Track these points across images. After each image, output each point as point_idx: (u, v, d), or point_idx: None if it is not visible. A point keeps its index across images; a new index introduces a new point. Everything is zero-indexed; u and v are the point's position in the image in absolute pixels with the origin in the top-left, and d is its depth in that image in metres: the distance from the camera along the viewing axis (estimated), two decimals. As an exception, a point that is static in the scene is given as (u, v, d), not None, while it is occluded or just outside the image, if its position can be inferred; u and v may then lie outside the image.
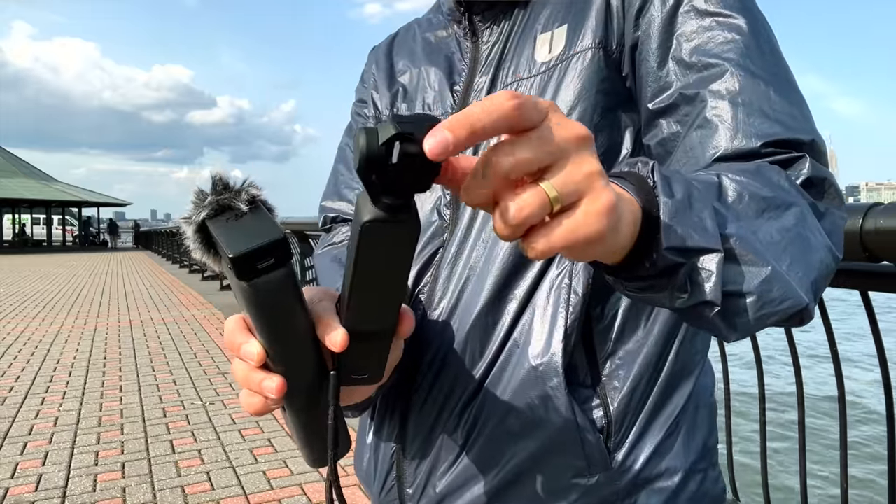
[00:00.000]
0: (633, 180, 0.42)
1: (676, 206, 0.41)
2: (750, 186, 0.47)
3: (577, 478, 0.59)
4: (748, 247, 0.43)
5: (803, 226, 0.47)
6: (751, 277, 0.43)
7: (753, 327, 0.45)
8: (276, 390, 0.45)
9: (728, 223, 0.43)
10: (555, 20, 0.65)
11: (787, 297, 0.43)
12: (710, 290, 0.41)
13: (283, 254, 0.41)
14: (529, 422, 0.60)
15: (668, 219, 0.40)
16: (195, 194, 0.43)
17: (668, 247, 0.40)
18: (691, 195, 0.42)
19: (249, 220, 0.41)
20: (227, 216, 0.42)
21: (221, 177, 0.43)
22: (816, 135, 0.54)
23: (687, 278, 0.42)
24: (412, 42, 0.80)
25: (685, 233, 0.40)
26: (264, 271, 0.40)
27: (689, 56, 0.57)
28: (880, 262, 1.11)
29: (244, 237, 0.40)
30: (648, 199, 0.41)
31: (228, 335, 0.48)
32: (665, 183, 0.42)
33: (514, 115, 0.32)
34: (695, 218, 0.41)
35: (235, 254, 0.39)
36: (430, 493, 0.64)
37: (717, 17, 0.57)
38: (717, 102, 0.54)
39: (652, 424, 0.61)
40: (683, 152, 0.56)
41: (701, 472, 0.64)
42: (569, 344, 0.59)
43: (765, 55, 0.56)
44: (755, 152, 0.52)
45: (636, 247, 0.41)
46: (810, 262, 0.46)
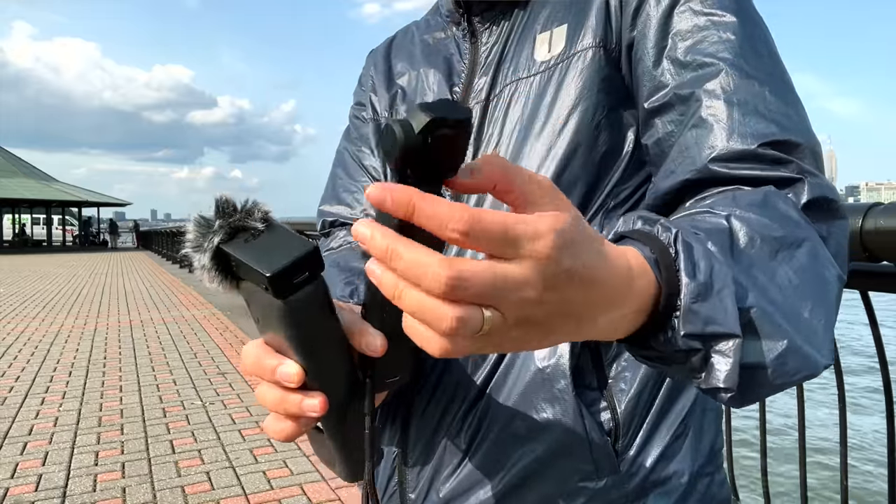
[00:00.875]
0: (656, 250, 0.41)
1: (699, 289, 0.39)
2: (760, 227, 0.45)
3: (584, 481, 0.58)
4: (766, 318, 0.42)
5: (818, 262, 0.46)
6: (767, 352, 0.42)
7: (767, 395, 0.44)
8: (320, 407, 0.44)
9: (748, 294, 0.41)
10: (554, 20, 0.65)
11: (801, 369, 0.43)
12: (725, 377, 0.40)
13: (316, 265, 0.39)
14: (535, 425, 0.59)
15: (690, 302, 0.39)
16: (196, 222, 0.40)
17: (686, 333, 0.39)
18: (713, 271, 0.40)
19: (269, 237, 0.39)
20: (243, 237, 0.39)
21: (227, 199, 0.40)
22: (812, 135, 0.54)
23: (703, 360, 0.41)
24: (410, 44, 0.80)
25: (705, 318, 0.39)
26: (300, 286, 0.39)
27: (684, 55, 0.57)
28: (880, 262, 1.11)
29: (274, 255, 0.38)
30: (670, 276, 0.40)
31: (254, 362, 0.45)
32: (688, 258, 0.40)
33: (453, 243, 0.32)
34: (716, 301, 0.39)
35: (273, 272, 0.37)
36: (433, 498, 0.63)
37: (712, 17, 0.56)
38: (713, 102, 0.54)
39: (659, 427, 0.60)
40: (679, 152, 0.56)
41: (708, 475, 0.63)
42: (576, 346, 0.59)
43: (760, 55, 0.56)
44: (751, 153, 0.52)
45: (651, 320, 0.40)
46: (828, 302, 0.46)
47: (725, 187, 0.53)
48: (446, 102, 0.35)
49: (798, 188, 0.51)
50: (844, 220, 0.52)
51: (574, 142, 0.60)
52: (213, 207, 0.40)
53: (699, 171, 0.54)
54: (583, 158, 0.60)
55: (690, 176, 0.54)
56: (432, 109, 0.34)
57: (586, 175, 0.60)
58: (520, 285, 0.33)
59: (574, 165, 0.60)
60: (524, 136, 0.63)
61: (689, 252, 0.40)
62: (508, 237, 0.32)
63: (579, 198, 0.60)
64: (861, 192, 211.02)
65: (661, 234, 0.42)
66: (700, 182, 0.54)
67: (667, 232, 0.41)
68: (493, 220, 0.32)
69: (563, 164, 0.60)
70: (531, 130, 0.62)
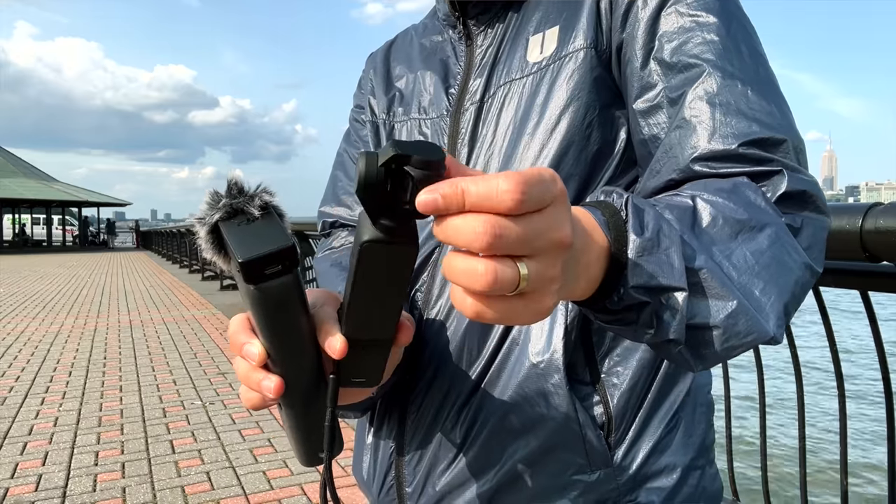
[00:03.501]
0: (607, 213, 0.44)
1: (644, 244, 0.42)
2: (725, 209, 0.48)
3: (577, 475, 0.59)
4: (716, 279, 0.44)
5: (779, 246, 0.48)
6: (717, 311, 0.44)
7: (720, 358, 0.46)
8: (273, 390, 0.46)
9: (697, 255, 0.44)
10: (546, 22, 0.66)
11: (752, 331, 0.44)
12: (674, 328, 0.43)
13: (290, 261, 0.42)
14: (530, 419, 0.60)
15: (635, 257, 0.42)
16: (209, 195, 0.43)
17: (634, 285, 0.42)
18: (660, 230, 0.43)
19: (260, 225, 0.42)
20: (239, 220, 0.43)
21: (237, 181, 0.43)
22: (795, 132, 0.55)
23: (653, 315, 0.43)
24: (409, 47, 0.81)
25: (651, 271, 0.42)
26: (271, 276, 0.41)
27: (670, 57, 0.58)
28: (880, 262, 1.11)
29: (254, 242, 0.41)
30: (619, 234, 0.43)
31: (232, 334, 0.49)
32: (636, 218, 0.43)
33: (509, 209, 0.33)
34: (662, 256, 0.43)
35: (245, 259, 0.40)
36: (430, 492, 0.64)
37: (696, 18, 0.58)
38: (696, 103, 0.55)
39: (651, 421, 0.62)
40: (664, 152, 0.57)
41: (699, 468, 0.64)
42: (570, 341, 0.60)
43: (742, 56, 0.57)
44: (733, 153, 0.53)
45: (604, 281, 0.43)
46: (784, 284, 0.48)
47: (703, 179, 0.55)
48: (423, 143, 0.36)
49: (776, 180, 0.52)
50: (824, 217, 0.53)
51: (566, 140, 0.61)
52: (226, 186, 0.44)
53: (682, 171, 0.55)
54: (575, 156, 0.61)
55: (675, 176, 0.55)
56: (403, 146, 0.35)
57: (579, 173, 0.62)
58: (550, 228, 0.35)
59: (567, 163, 0.61)
60: (517, 136, 0.64)
61: (639, 214, 0.44)
62: (545, 182, 0.34)
63: (572, 195, 0.62)
64: (861, 192, 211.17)
65: (615, 201, 0.45)
66: (684, 182, 0.55)
67: (620, 198, 0.45)
68: (528, 174, 0.34)
69: (555, 162, 0.61)
70: (524, 130, 0.64)
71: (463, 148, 0.68)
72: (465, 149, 0.68)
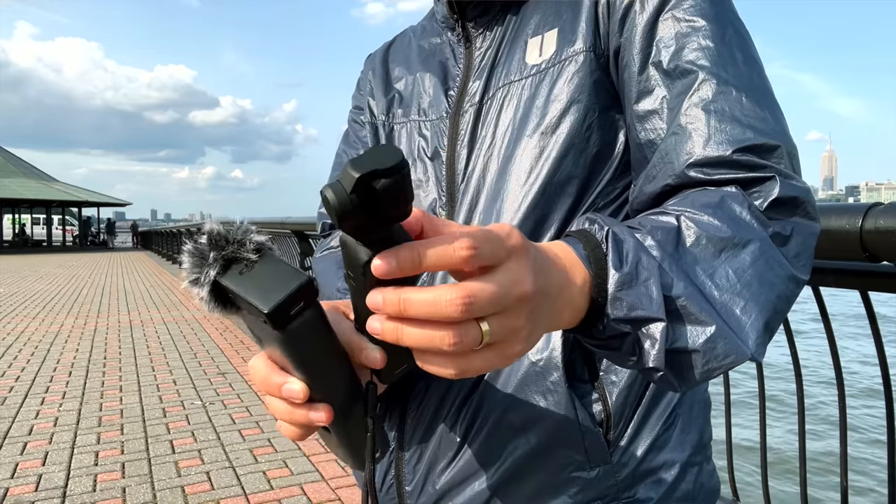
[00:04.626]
0: (588, 247, 0.46)
1: (623, 278, 0.45)
2: (709, 227, 0.49)
3: (577, 472, 0.60)
4: (695, 304, 0.45)
5: (762, 262, 0.49)
6: (695, 336, 0.45)
7: (702, 379, 0.47)
8: (325, 419, 0.46)
9: (675, 283, 0.46)
10: (544, 24, 0.66)
11: (730, 353, 0.45)
12: (653, 357, 0.45)
13: (310, 294, 0.41)
14: (529, 417, 0.60)
15: (615, 290, 0.44)
16: (190, 254, 0.41)
17: (615, 318, 0.45)
18: (639, 263, 0.45)
19: (264, 268, 0.41)
20: (238, 269, 0.41)
21: (218, 230, 0.41)
22: (788, 138, 0.55)
23: (635, 343, 0.46)
24: (407, 49, 0.82)
25: (631, 303, 0.44)
26: (296, 315, 0.41)
27: (667, 63, 0.58)
28: (880, 262, 1.11)
29: (270, 288, 0.40)
30: (599, 269, 0.45)
31: (263, 378, 0.47)
32: (616, 252, 0.46)
33: (463, 264, 0.36)
34: (641, 288, 0.45)
35: (270, 308, 0.39)
36: (430, 491, 0.65)
37: (692, 24, 0.58)
38: (691, 110, 0.56)
39: (649, 418, 0.62)
40: (660, 158, 0.57)
41: (697, 465, 0.65)
42: (568, 339, 0.60)
43: (737, 62, 0.57)
44: (727, 159, 0.53)
45: (589, 311, 0.46)
46: (766, 301, 0.48)
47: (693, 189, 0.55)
48: (378, 151, 0.36)
49: (768, 186, 0.53)
50: (814, 223, 0.54)
51: (566, 143, 0.62)
52: (206, 238, 0.41)
53: (678, 177, 0.55)
54: (575, 158, 0.62)
55: (670, 181, 0.56)
56: (361, 164, 0.35)
57: (578, 175, 0.62)
58: (514, 284, 0.38)
59: (566, 165, 0.62)
60: (517, 138, 0.64)
61: (618, 246, 0.46)
62: (498, 238, 0.38)
63: (571, 197, 0.62)
64: (861, 192, 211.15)
65: (596, 233, 0.47)
66: (679, 187, 0.56)
67: (601, 230, 0.47)
68: (477, 231, 0.38)
69: (555, 164, 0.62)
70: (524, 132, 0.64)
71: (462, 149, 0.68)
72: (464, 150, 0.68)
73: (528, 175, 0.62)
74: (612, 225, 0.47)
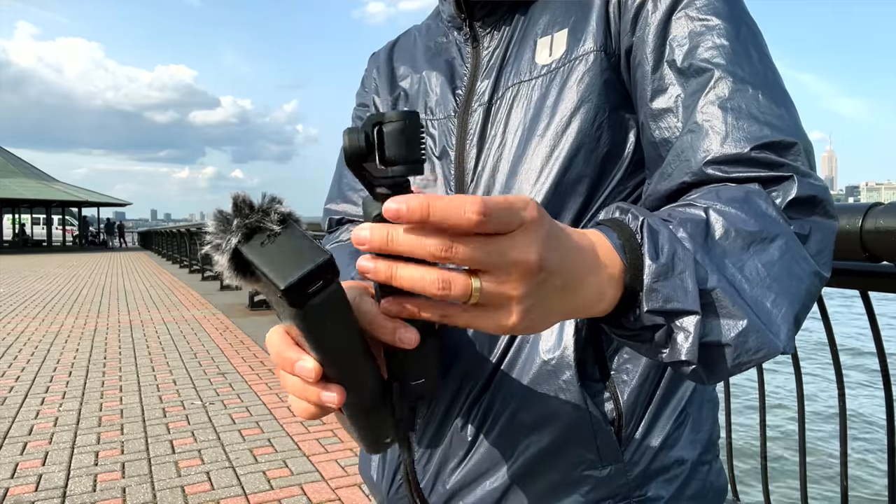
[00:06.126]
0: (623, 236, 0.46)
1: (659, 269, 0.44)
2: (737, 220, 0.49)
3: (589, 470, 0.60)
4: (728, 298, 0.45)
5: (789, 257, 0.49)
6: (728, 329, 0.45)
7: (732, 373, 0.47)
8: (337, 401, 0.45)
9: (709, 275, 0.45)
10: (554, 24, 0.66)
11: (762, 347, 0.45)
12: (686, 351, 0.45)
13: (330, 274, 0.40)
14: (541, 416, 0.60)
15: (651, 282, 0.44)
16: (216, 217, 0.40)
17: (650, 309, 0.44)
18: (675, 255, 0.45)
19: (286, 240, 0.40)
20: (259, 239, 0.40)
21: (244, 197, 0.40)
22: (803, 134, 0.55)
23: (667, 336, 0.45)
24: (412, 48, 0.82)
25: (666, 295, 0.44)
26: (315, 293, 0.39)
27: (681, 61, 0.58)
28: (880, 262, 1.11)
29: (289, 263, 0.38)
30: (634, 258, 0.45)
31: (277, 352, 0.46)
32: (651, 242, 0.45)
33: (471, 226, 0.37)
34: (676, 280, 0.44)
35: (287, 285, 0.38)
36: (440, 490, 0.65)
37: (706, 23, 0.58)
38: (708, 107, 0.56)
39: (660, 417, 0.62)
40: (675, 155, 0.57)
41: (707, 463, 0.65)
42: (580, 338, 0.60)
43: (752, 60, 0.57)
44: (745, 157, 0.53)
45: (621, 301, 0.45)
46: (795, 294, 0.49)
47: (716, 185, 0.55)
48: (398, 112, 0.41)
49: (787, 185, 0.53)
50: (832, 221, 0.54)
51: (577, 142, 0.62)
52: (231, 205, 0.40)
53: (695, 174, 0.55)
54: (585, 158, 0.62)
55: (687, 179, 0.56)
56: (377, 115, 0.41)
57: (589, 175, 0.62)
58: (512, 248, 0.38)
59: (577, 165, 0.62)
60: (527, 138, 0.64)
61: (654, 237, 0.46)
62: (513, 207, 0.38)
63: (582, 196, 0.62)
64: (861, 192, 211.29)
65: (630, 222, 0.47)
66: (697, 185, 0.56)
67: (635, 220, 0.47)
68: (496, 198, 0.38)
69: (566, 164, 0.62)
70: (534, 132, 0.64)
71: (472, 149, 0.68)
72: (473, 150, 0.68)
73: (539, 174, 0.62)
74: (646, 215, 0.47)
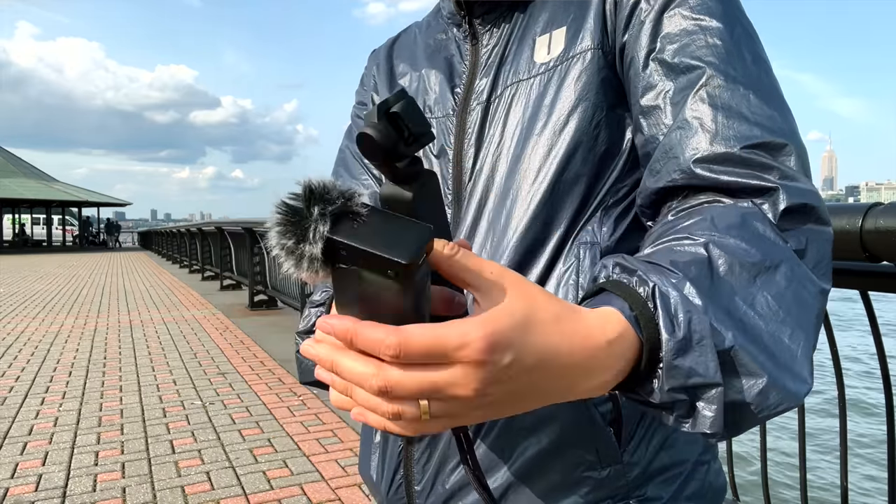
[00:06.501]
0: (636, 307, 0.42)
1: (678, 344, 0.41)
2: (738, 252, 0.47)
3: (588, 471, 0.60)
4: (747, 356, 0.43)
5: (796, 283, 0.47)
6: (749, 389, 0.43)
7: (751, 427, 0.45)
8: None
9: (725, 334, 0.42)
10: (553, 22, 0.66)
11: (782, 402, 0.43)
12: (711, 423, 0.42)
13: (431, 243, 0.39)
14: (540, 417, 0.60)
15: (671, 358, 0.41)
16: (283, 211, 0.37)
17: (671, 387, 0.41)
18: (691, 323, 0.41)
19: (378, 220, 0.38)
20: (349, 223, 0.38)
21: (323, 183, 0.38)
22: (797, 137, 0.55)
23: (689, 407, 0.43)
24: (412, 45, 0.82)
25: (688, 370, 0.41)
26: (421, 265, 0.38)
27: (672, 58, 0.58)
28: (880, 262, 1.11)
29: (397, 239, 0.37)
30: (649, 331, 0.42)
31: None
32: (666, 312, 0.42)
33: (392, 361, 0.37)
34: (696, 353, 0.41)
35: (409, 258, 0.36)
36: (439, 491, 0.65)
37: (700, 22, 0.58)
38: (698, 105, 0.55)
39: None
40: (663, 153, 0.57)
41: (705, 463, 0.65)
42: None
43: (745, 61, 0.57)
44: (734, 156, 0.53)
45: (630, 376, 0.43)
46: (808, 322, 0.47)
47: (706, 196, 0.54)
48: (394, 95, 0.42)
49: (776, 196, 0.51)
50: (826, 227, 0.53)
51: (575, 141, 0.61)
52: (303, 194, 0.38)
53: (683, 172, 0.55)
54: (583, 157, 0.62)
55: (675, 176, 0.55)
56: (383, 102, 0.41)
57: (587, 173, 0.62)
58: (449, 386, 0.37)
59: (575, 164, 0.62)
60: (525, 136, 0.64)
61: (666, 304, 0.42)
62: (435, 352, 0.36)
63: (580, 196, 0.62)
64: (861, 192, 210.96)
65: (639, 287, 0.43)
66: (685, 187, 0.55)
67: (644, 285, 0.43)
68: (422, 338, 0.36)
69: (563, 163, 0.62)
70: (532, 130, 0.64)
71: (470, 148, 0.68)
72: (471, 149, 0.68)
73: (537, 174, 0.62)
74: (649, 274, 0.44)
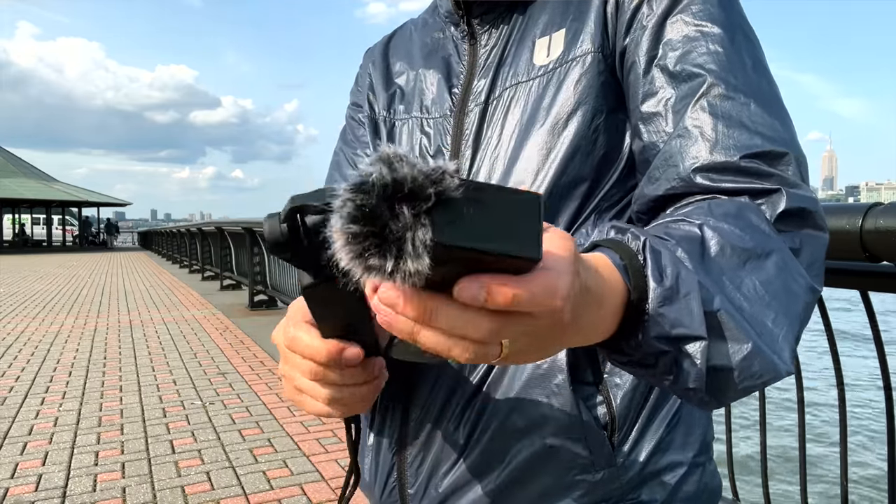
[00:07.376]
0: (625, 257, 0.43)
1: (665, 292, 0.42)
2: (731, 236, 0.47)
3: (581, 474, 0.60)
4: (732, 320, 0.43)
5: (786, 273, 0.48)
6: (733, 354, 0.43)
7: (735, 398, 0.46)
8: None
9: (714, 297, 0.43)
10: (552, 25, 0.66)
11: (766, 371, 0.44)
12: (693, 377, 0.43)
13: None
14: (533, 419, 0.60)
15: (656, 306, 0.42)
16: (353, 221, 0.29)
17: (655, 335, 0.42)
18: (679, 277, 0.42)
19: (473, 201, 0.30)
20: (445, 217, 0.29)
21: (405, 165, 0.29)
22: (796, 145, 0.55)
23: (673, 362, 0.43)
24: (408, 43, 0.80)
25: (672, 320, 0.42)
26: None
27: (674, 65, 0.58)
28: (880, 262, 1.11)
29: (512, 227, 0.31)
30: (638, 282, 0.42)
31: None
32: (655, 264, 0.43)
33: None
34: (682, 304, 0.42)
35: (540, 253, 0.32)
36: (432, 494, 0.64)
37: (701, 28, 0.58)
38: (698, 113, 0.55)
39: (654, 420, 0.62)
40: (663, 160, 0.57)
41: (700, 465, 0.65)
42: None
43: (746, 68, 0.56)
44: (734, 165, 0.53)
45: (621, 325, 0.43)
46: (793, 311, 0.47)
47: (705, 196, 0.54)
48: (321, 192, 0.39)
49: (775, 199, 0.52)
50: (822, 233, 0.53)
51: (573, 144, 0.61)
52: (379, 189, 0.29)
53: (683, 181, 0.55)
54: (582, 160, 0.61)
55: (674, 184, 0.55)
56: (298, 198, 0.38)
57: (584, 177, 0.61)
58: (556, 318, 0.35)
59: (573, 167, 0.61)
60: (523, 139, 0.64)
61: (657, 258, 0.43)
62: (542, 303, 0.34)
63: (577, 199, 0.62)
64: (861, 192, 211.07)
65: (631, 242, 0.44)
66: (684, 192, 0.55)
67: (636, 240, 0.44)
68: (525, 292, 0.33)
69: (562, 166, 0.61)
70: (530, 133, 0.63)
71: (467, 150, 0.67)
72: (468, 150, 0.67)
73: (535, 177, 0.62)
74: (646, 235, 0.44)
